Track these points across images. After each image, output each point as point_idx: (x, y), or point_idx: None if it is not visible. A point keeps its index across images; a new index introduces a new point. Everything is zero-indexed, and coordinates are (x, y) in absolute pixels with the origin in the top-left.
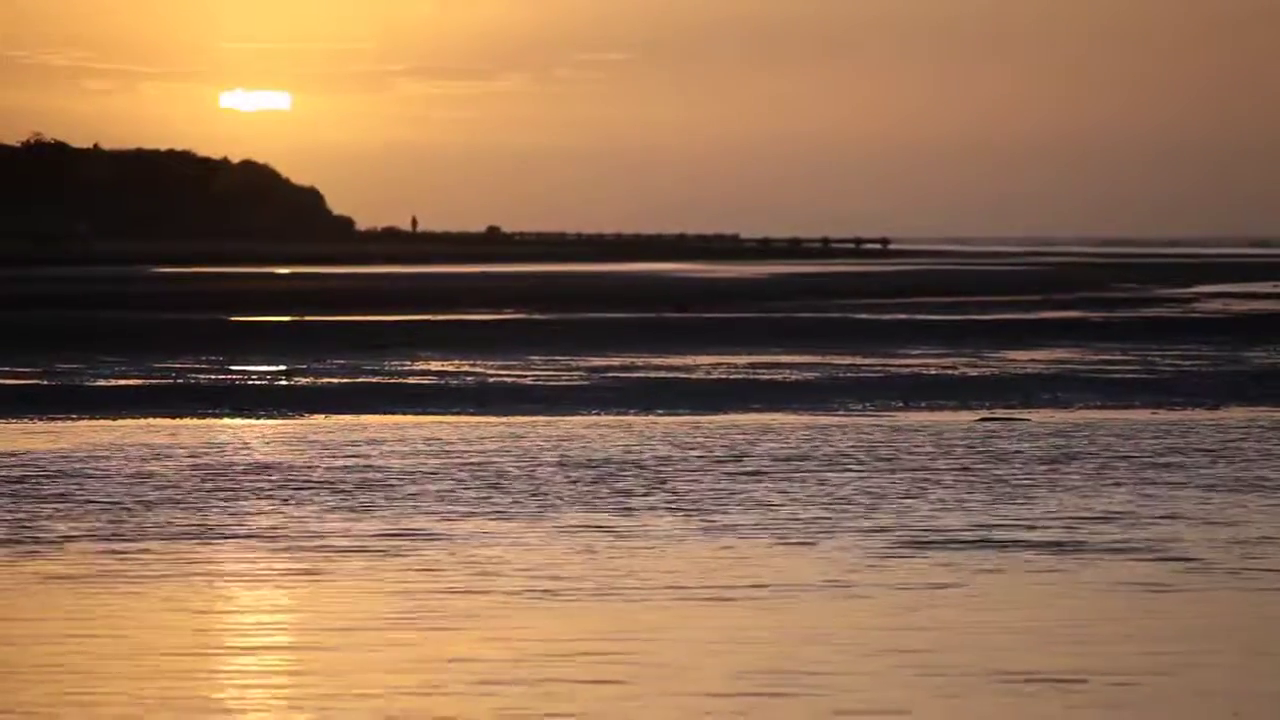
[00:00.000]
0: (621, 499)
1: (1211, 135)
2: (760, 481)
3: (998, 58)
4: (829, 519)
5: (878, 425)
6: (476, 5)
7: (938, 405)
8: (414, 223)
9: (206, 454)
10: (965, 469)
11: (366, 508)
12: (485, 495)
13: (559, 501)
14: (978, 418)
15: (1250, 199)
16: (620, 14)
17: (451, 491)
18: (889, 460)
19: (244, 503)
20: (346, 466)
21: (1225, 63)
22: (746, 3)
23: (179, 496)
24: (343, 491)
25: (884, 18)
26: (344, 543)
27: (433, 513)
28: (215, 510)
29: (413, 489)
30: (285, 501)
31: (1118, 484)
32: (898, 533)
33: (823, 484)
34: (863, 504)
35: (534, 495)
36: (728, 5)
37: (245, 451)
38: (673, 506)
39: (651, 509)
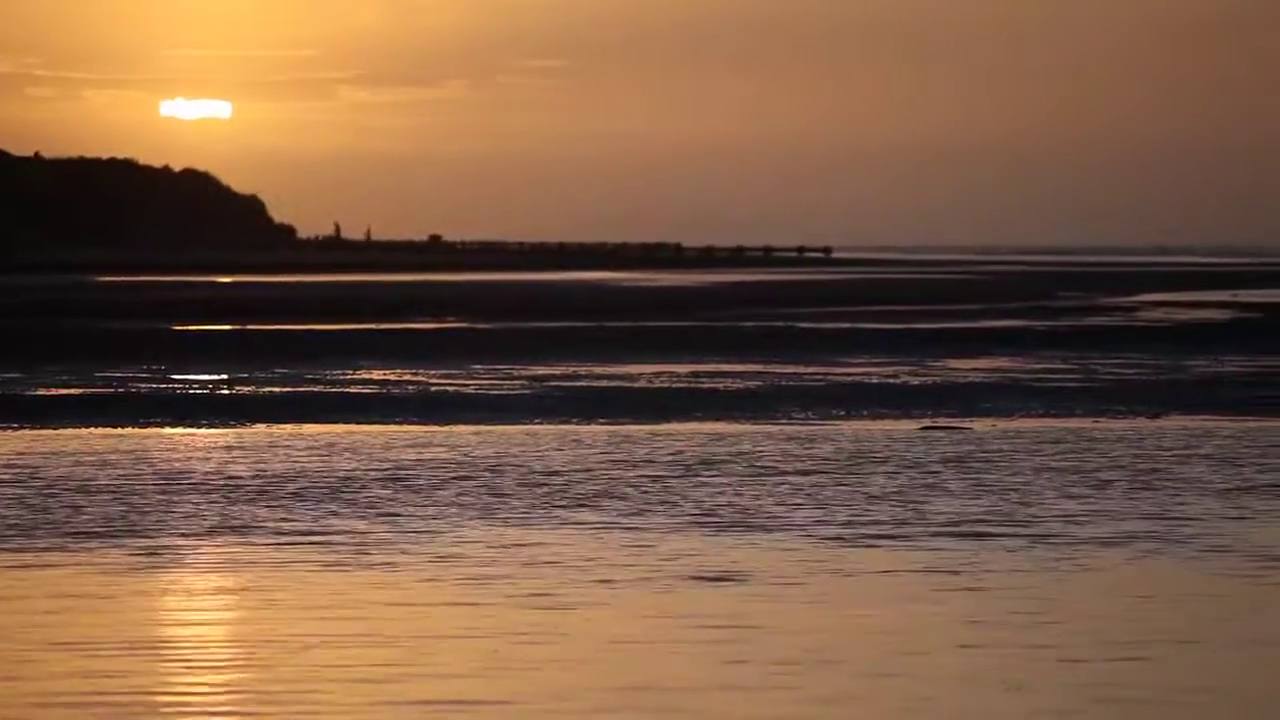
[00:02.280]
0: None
1: (1158, 144)
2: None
3: (944, 66)
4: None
5: (820, 434)
6: (418, 13)
7: (880, 414)
8: (336, 229)
9: (145, 462)
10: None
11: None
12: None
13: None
14: (920, 426)
15: (1197, 208)
16: (562, 21)
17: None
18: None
19: (180, 508)
20: (279, 473)
21: (1173, 70)
22: (687, 10)
23: (113, 503)
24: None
25: (830, 25)
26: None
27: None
28: (150, 515)
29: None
30: (221, 505)
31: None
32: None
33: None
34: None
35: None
36: (668, 12)
37: (184, 459)
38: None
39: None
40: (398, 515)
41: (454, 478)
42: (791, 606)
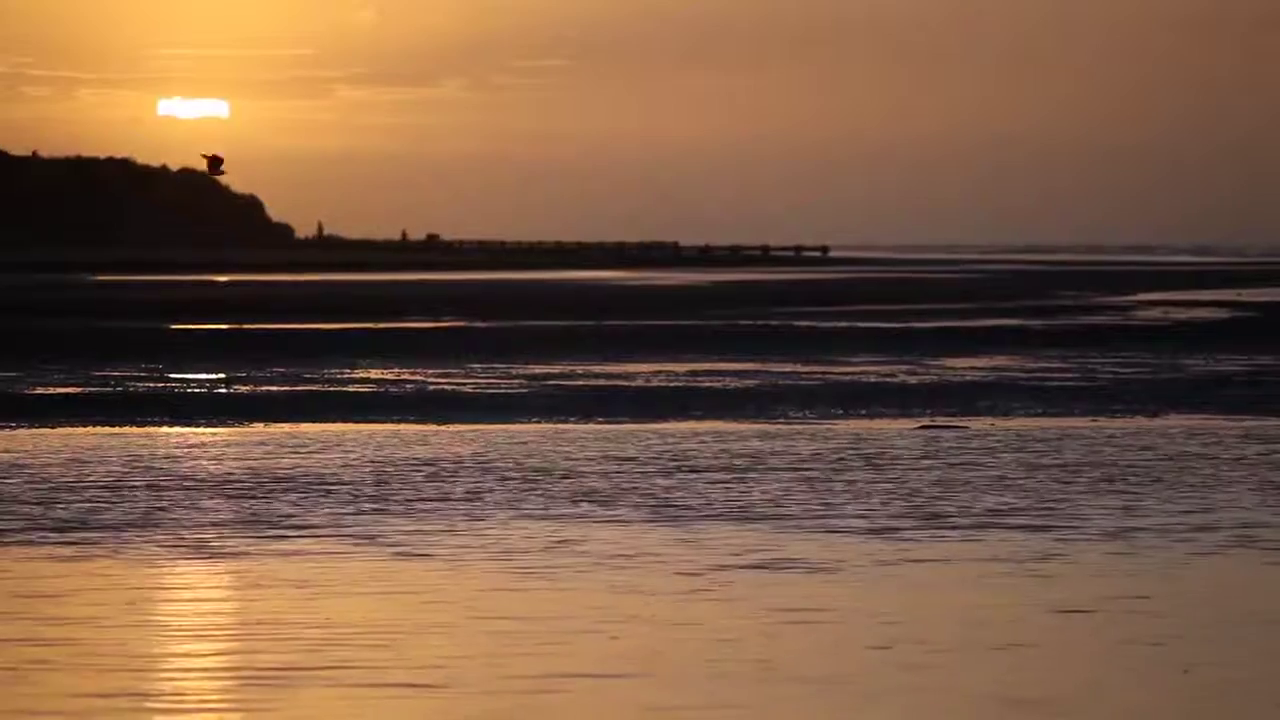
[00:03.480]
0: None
1: (1153, 142)
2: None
3: (941, 66)
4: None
5: (817, 433)
6: (415, 12)
7: (878, 413)
8: (320, 228)
9: (140, 461)
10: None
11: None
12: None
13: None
14: (918, 425)
15: (1192, 207)
16: (559, 20)
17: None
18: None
19: (177, 508)
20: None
21: (1167, 69)
22: (685, 9)
23: (114, 502)
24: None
25: (828, 25)
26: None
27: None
28: (149, 513)
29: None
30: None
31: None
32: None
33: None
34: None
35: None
36: (666, 12)
37: (179, 458)
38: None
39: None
40: (475, 510)
41: (495, 474)
42: (887, 591)
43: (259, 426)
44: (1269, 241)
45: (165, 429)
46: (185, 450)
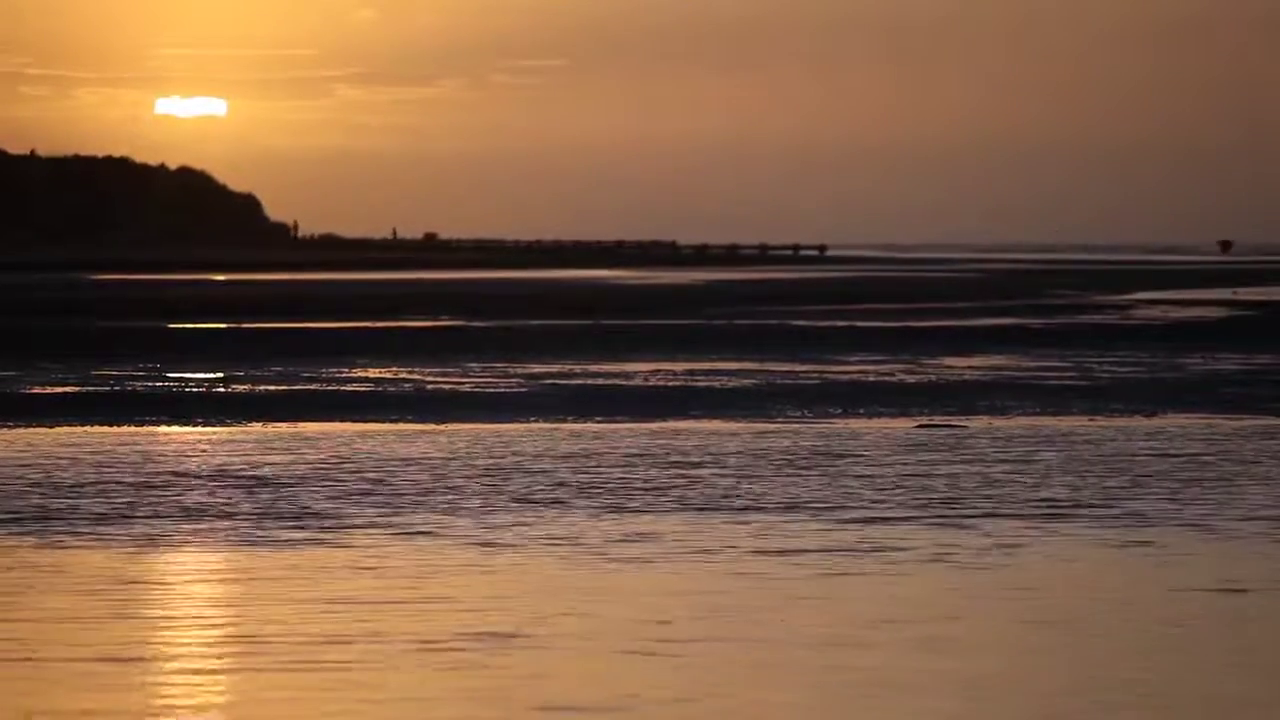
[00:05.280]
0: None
1: (1150, 141)
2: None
3: (938, 65)
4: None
5: (816, 432)
6: (414, 12)
7: (876, 413)
8: (294, 226)
9: (140, 460)
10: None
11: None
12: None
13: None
14: (916, 424)
15: (1192, 206)
16: (557, 20)
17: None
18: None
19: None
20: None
21: (1161, 68)
22: (685, 9)
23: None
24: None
25: (824, 23)
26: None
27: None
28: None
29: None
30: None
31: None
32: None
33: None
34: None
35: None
36: (663, 12)
37: (177, 458)
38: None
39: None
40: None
41: (533, 470)
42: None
43: (257, 425)
44: (1266, 240)
45: (165, 428)
46: (188, 448)
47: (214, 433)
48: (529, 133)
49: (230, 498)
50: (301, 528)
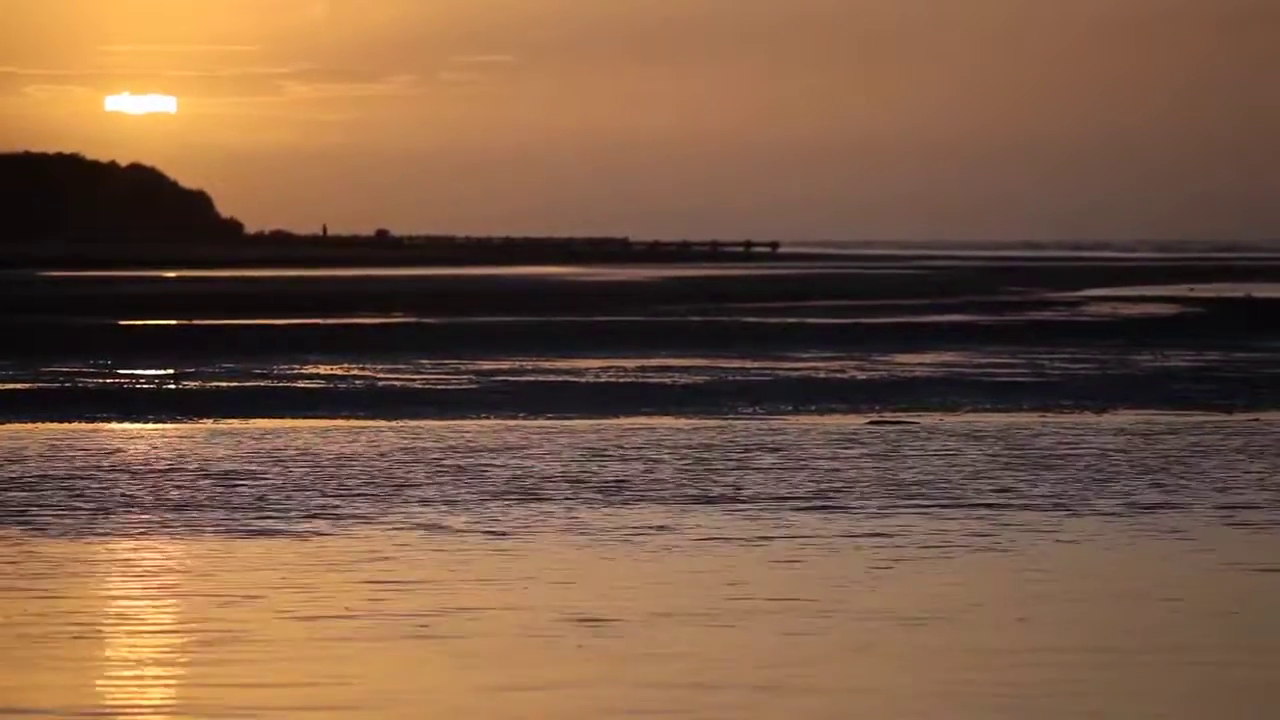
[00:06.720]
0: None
1: (1100, 139)
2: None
3: (888, 60)
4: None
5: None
6: (362, 8)
7: (827, 409)
8: (238, 225)
9: (89, 457)
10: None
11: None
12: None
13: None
14: (867, 420)
15: (1142, 202)
16: (506, 16)
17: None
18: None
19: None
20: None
21: (1118, 65)
22: (632, 4)
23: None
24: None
25: (776, 20)
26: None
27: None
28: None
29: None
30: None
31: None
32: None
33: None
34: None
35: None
36: (612, 7)
37: (127, 454)
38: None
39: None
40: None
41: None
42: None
43: (208, 422)
44: (1219, 238)
45: (115, 425)
46: (139, 444)
47: (165, 429)
48: (479, 129)
49: (180, 492)
50: (254, 521)
